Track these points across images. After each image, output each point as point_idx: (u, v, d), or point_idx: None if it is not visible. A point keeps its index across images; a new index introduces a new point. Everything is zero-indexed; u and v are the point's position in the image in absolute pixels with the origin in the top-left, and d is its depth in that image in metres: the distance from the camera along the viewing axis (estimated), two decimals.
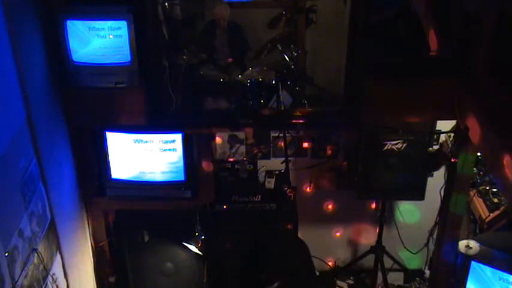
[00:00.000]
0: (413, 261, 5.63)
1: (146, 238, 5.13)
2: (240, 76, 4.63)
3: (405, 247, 5.48)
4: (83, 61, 3.93)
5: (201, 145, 4.59)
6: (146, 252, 4.89)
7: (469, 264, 3.86)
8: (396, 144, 4.62)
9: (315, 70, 5.13)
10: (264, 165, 5.30)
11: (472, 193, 4.53)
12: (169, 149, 4.39)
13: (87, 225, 4.60)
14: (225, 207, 4.89)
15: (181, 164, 4.42)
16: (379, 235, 5.32)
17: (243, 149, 5.24)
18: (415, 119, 4.36)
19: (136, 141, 4.39)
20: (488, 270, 3.80)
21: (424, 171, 4.82)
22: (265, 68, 4.67)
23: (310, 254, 4.68)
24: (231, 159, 5.25)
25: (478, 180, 4.63)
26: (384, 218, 5.25)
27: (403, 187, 4.83)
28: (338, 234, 5.75)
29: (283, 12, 5.19)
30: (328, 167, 5.34)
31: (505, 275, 3.69)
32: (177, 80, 4.51)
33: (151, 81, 4.09)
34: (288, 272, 4.27)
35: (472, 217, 4.65)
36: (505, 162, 3.00)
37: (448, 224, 4.38)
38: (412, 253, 5.51)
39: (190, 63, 4.67)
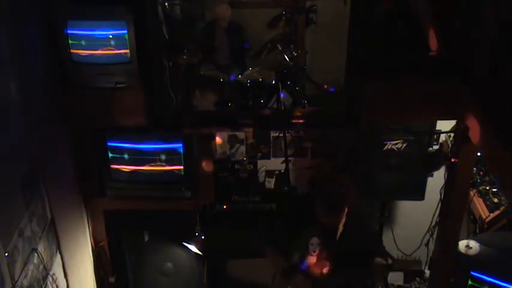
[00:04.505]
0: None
1: (146, 238, 5.12)
2: (240, 76, 4.63)
3: (399, 249, 5.47)
4: (83, 61, 3.92)
5: (201, 145, 4.58)
6: (146, 252, 4.89)
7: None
8: (396, 144, 4.61)
9: (315, 70, 5.14)
10: (264, 165, 5.30)
11: (472, 193, 4.53)
12: (169, 149, 4.39)
13: (87, 225, 4.60)
14: (225, 207, 4.89)
15: (181, 164, 4.42)
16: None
17: (243, 149, 5.24)
18: (415, 119, 4.36)
19: (136, 141, 4.39)
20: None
21: (424, 171, 4.82)
22: (265, 68, 4.68)
23: None
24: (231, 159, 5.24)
25: (478, 180, 4.63)
26: (384, 218, 5.25)
27: (403, 187, 4.82)
28: None
29: (283, 12, 5.21)
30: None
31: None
32: (177, 80, 4.52)
33: (151, 81, 4.09)
34: None
35: (472, 217, 4.64)
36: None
37: (448, 224, 4.38)
38: (407, 255, 5.49)
39: (190, 63, 4.68)
